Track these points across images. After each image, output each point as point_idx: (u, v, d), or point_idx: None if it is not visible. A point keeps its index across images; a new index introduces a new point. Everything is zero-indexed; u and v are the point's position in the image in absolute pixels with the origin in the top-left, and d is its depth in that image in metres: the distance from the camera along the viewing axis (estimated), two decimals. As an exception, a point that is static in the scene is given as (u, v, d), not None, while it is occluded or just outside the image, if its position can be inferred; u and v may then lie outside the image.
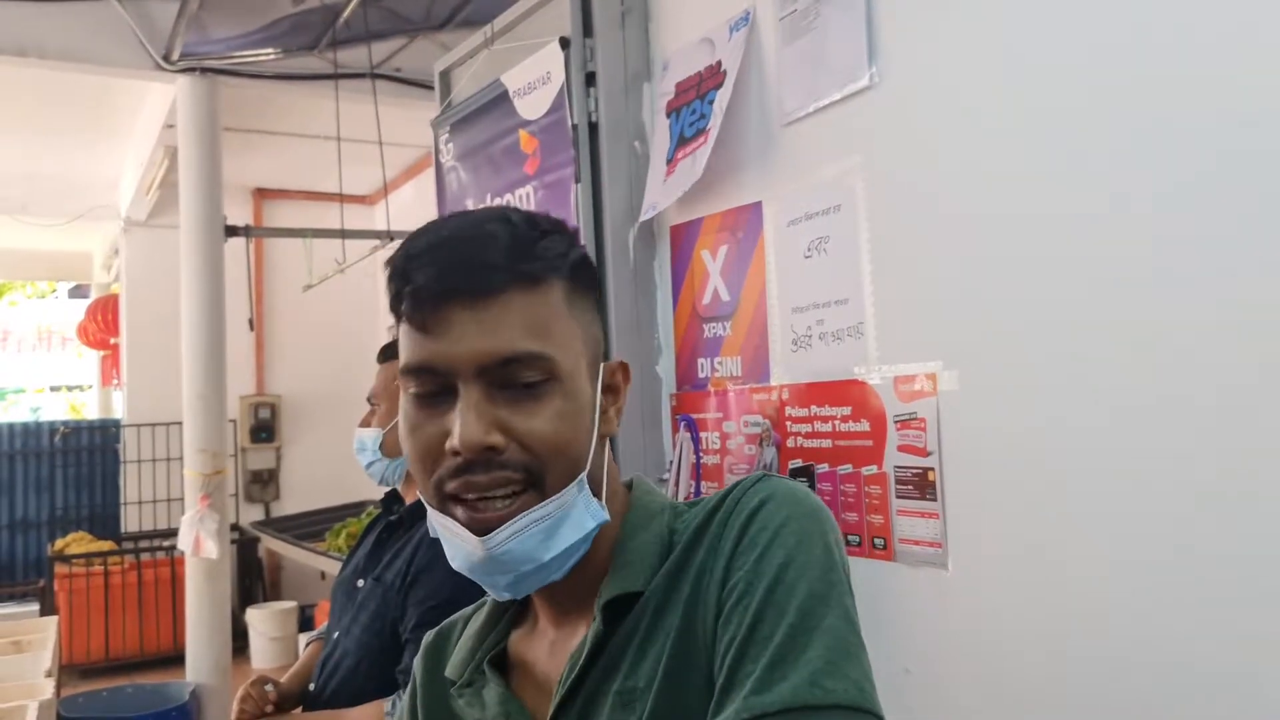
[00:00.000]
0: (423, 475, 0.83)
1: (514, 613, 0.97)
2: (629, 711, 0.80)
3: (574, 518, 0.82)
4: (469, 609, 1.03)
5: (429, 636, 1.05)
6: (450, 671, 0.96)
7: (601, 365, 0.88)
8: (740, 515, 0.82)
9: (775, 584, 0.76)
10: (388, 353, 2.06)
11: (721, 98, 2.05)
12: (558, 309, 0.83)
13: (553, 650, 0.90)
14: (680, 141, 2.18)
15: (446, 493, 0.81)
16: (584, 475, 0.83)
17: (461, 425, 0.78)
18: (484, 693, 0.91)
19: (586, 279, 0.88)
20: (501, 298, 0.80)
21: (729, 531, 0.82)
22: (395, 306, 0.83)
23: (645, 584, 0.84)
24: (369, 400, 2.03)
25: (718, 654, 0.77)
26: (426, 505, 0.85)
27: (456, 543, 0.82)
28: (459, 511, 0.81)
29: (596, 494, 0.85)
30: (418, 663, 1.03)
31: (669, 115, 2.25)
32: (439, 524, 0.83)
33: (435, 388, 0.81)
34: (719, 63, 2.11)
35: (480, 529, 0.80)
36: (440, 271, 0.80)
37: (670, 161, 2.19)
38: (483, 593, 1.06)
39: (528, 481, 0.80)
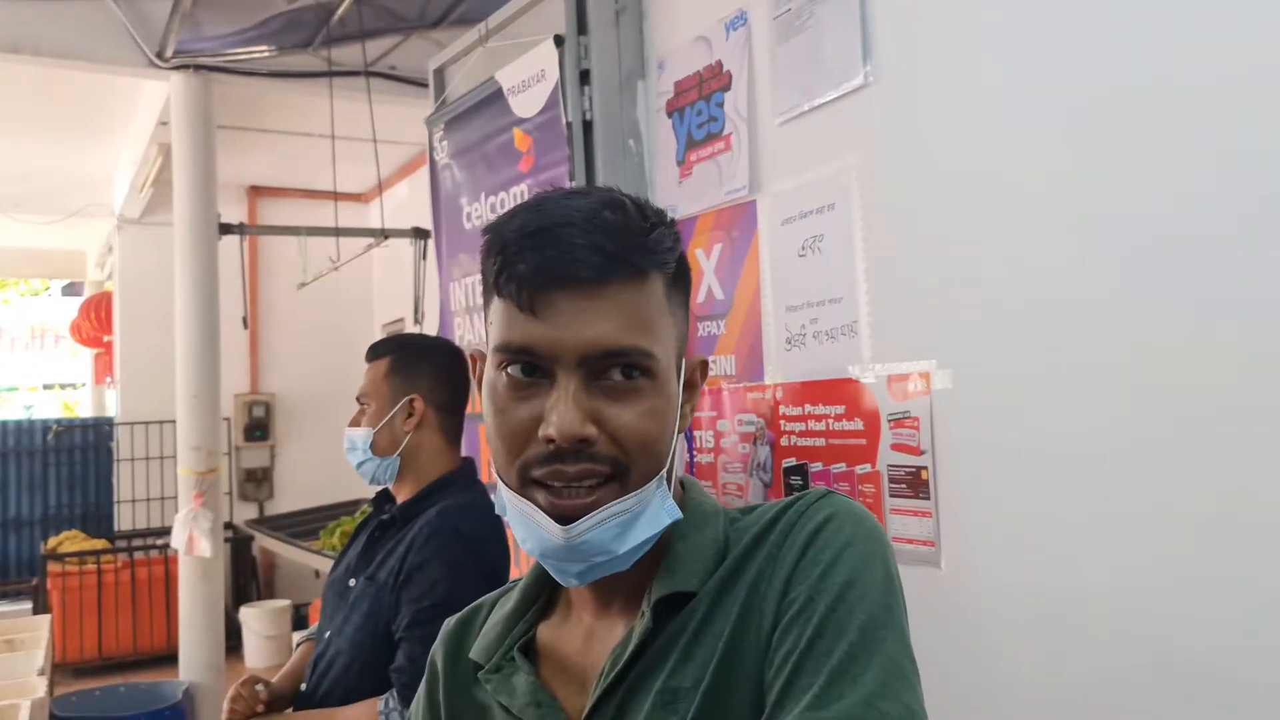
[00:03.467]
0: (506, 455, 0.82)
1: (544, 601, 0.96)
2: (670, 712, 0.80)
3: (650, 513, 0.82)
4: (494, 594, 1.02)
5: (450, 622, 1.03)
6: (477, 654, 0.95)
7: (684, 361, 0.88)
8: (804, 529, 0.82)
9: (837, 602, 0.77)
10: (377, 351, 2.05)
11: (734, 101, 2.05)
12: (659, 303, 0.83)
13: (589, 642, 0.90)
14: (690, 143, 2.18)
15: (531, 477, 0.81)
16: (664, 472, 0.83)
17: (559, 414, 0.78)
18: (513, 680, 0.90)
19: (685, 274, 0.89)
20: (610, 288, 0.80)
21: (791, 544, 0.82)
22: (496, 282, 0.82)
23: (699, 585, 0.84)
24: (359, 400, 2.02)
25: (772, 664, 0.77)
26: (501, 485, 0.84)
27: (534, 528, 0.81)
28: (541, 497, 0.80)
29: (669, 490, 0.85)
30: (438, 648, 1.01)
31: (670, 115, 2.25)
32: (516, 506, 0.82)
33: (532, 370, 0.81)
34: (719, 63, 2.10)
35: (563, 517, 0.80)
36: (551, 255, 0.79)
37: (682, 164, 2.20)
38: (476, 593, 1.05)
39: (612, 475, 0.80)
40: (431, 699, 0.99)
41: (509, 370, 0.82)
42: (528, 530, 0.82)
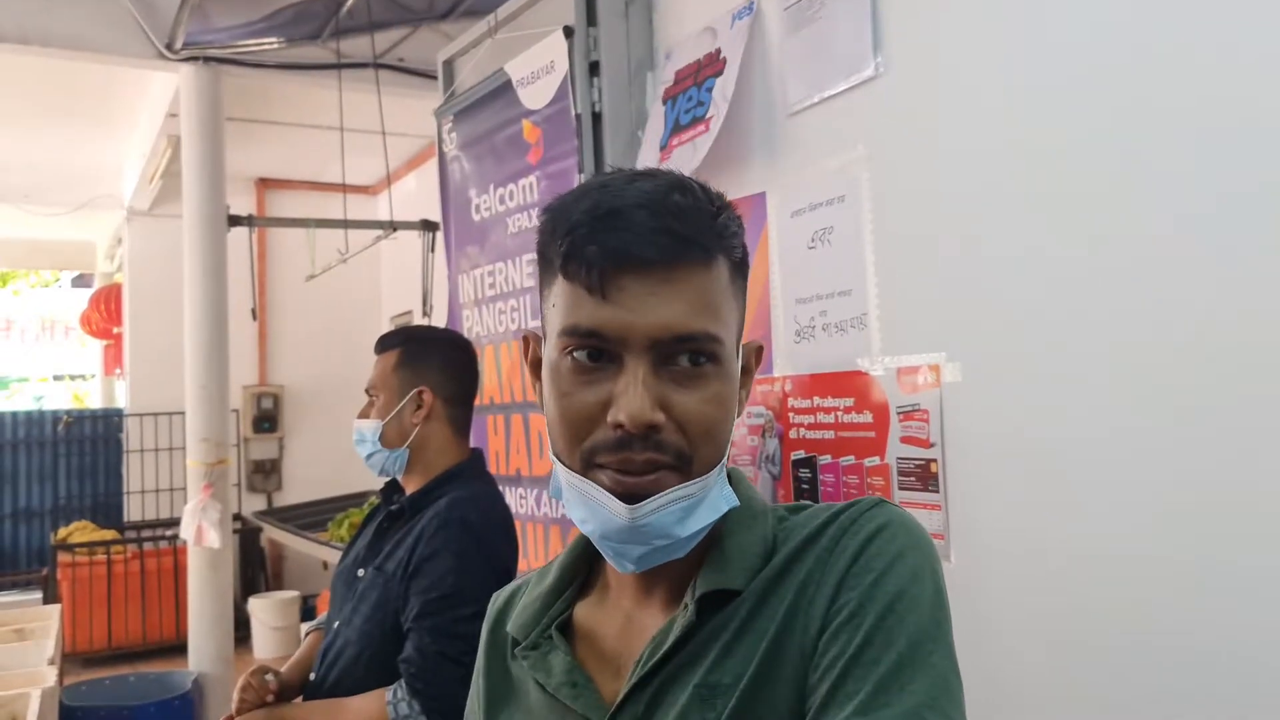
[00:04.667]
0: (571, 439, 0.81)
1: (582, 580, 0.96)
2: (708, 707, 0.79)
3: (711, 499, 0.82)
4: (535, 571, 1.02)
5: (497, 596, 1.04)
6: (514, 630, 0.95)
7: (741, 346, 0.88)
8: (856, 536, 0.81)
9: (887, 612, 0.77)
10: (385, 343, 2.05)
11: (723, 85, 2.04)
12: (725, 288, 0.83)
13: (627, 628, 0.89)
14: (676, 128, 2.17)
15: (597, 462, 0.80)
16: (725, 459, 0.83)
17: (629, 400, 0.77)
18: (549, 658, 0.90)
19: (746, 261, 0.88)
20: (681, 271, 0.79)
21: (843, 550, 0.81)
22: (564, 264, 0.80)
23: (745, 584, 0.84)
24: (368, 392, 2.02)
25: (817, 667, 0.77)
26: (560, 467, 0.83)
27: (598, 509, 0.80)
28: (605, 477, 0.80)
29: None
30: (485, 624, 1.03)
31: (665, 103, 2.24)
32: (579, 488, 0.82)
33: (599, 354, 0.80)
34: (718, 50, 2.10)
35: (628, 496, 0.79)
36: (623, 238, 0.78)
37: (664, 148, 2.18)
38: (485, 584, 1.05)
39: (676, 464, 0.80)
40: (476, 675, 1.01)
41: (575, 354, 0.80)
42: (589, 511, 0.81)
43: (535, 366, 0.90)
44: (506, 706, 0.95)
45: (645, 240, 0.78)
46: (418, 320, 5.73)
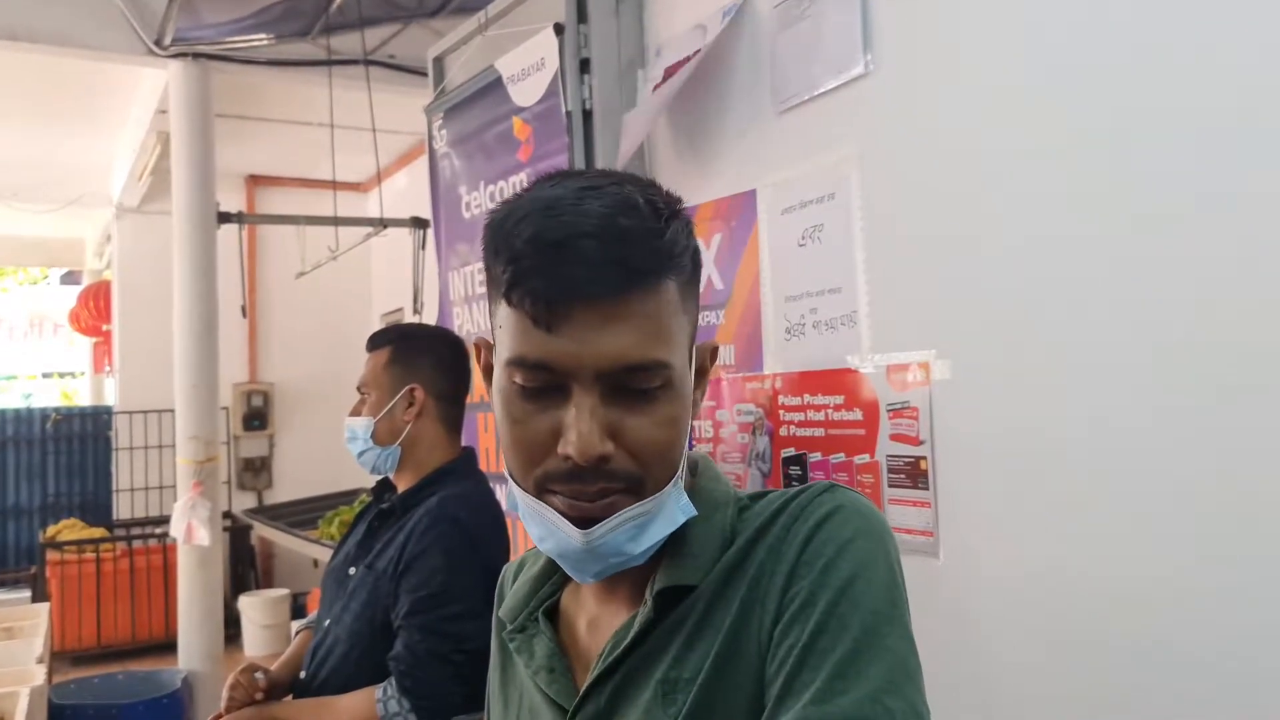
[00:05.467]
0: (523, 465, 0.81)
1: None
2: (669, 702, 0.80)
3: (666, 513, 0.82)
4: (529, 551, 1.04)
5: (506, 568, 1.07)
6: (504, 613, 0.98)
7: (695, 348, 0.87)
8: (806, 523, 0.81)
9: (840, 597, 0.76)
10: (377, 341, 2.05)
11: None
12: (674, 307, 0.81)
13: (594, 625, 0.91)
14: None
15: (550, 488, 0.81)
16: (679, 474, 0.83)
17: (578, 434, 0.77)
18: (534, 641, 0.93)
19: (697, 267, 0.87)
20: (630, 301, 0.77)
21: (793, 537, 0.81)
22: (508, 293, 0.79)
23: (701, 579, 0.84)
24: (359, 389, 2.02)
25: (773, 658, 0.77)
26: (516, 489, 0.84)
27: (553, 529, 0.81)
28: (559, 501, 0.80)
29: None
30: (496, 593, 1.05)
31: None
32: (533, 510, 0.82)
33: (546, 384, 0.79)
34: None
35: (583, 521, 0.80)
36: (571, 272, 0.76)
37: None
38: (475, 582, 1.06)
39: (628, 488, 0.80)
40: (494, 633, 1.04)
41: (521, 384, 0.80)
42: (546, 531, 0.82)
43: (488, 372, 0.90)
44: (510, 675, 0.98)
45: (592, 275, 0.76)
46: (408, 318, 5.71)
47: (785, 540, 0.81)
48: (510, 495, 0.85)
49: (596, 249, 0.76)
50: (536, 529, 0.83)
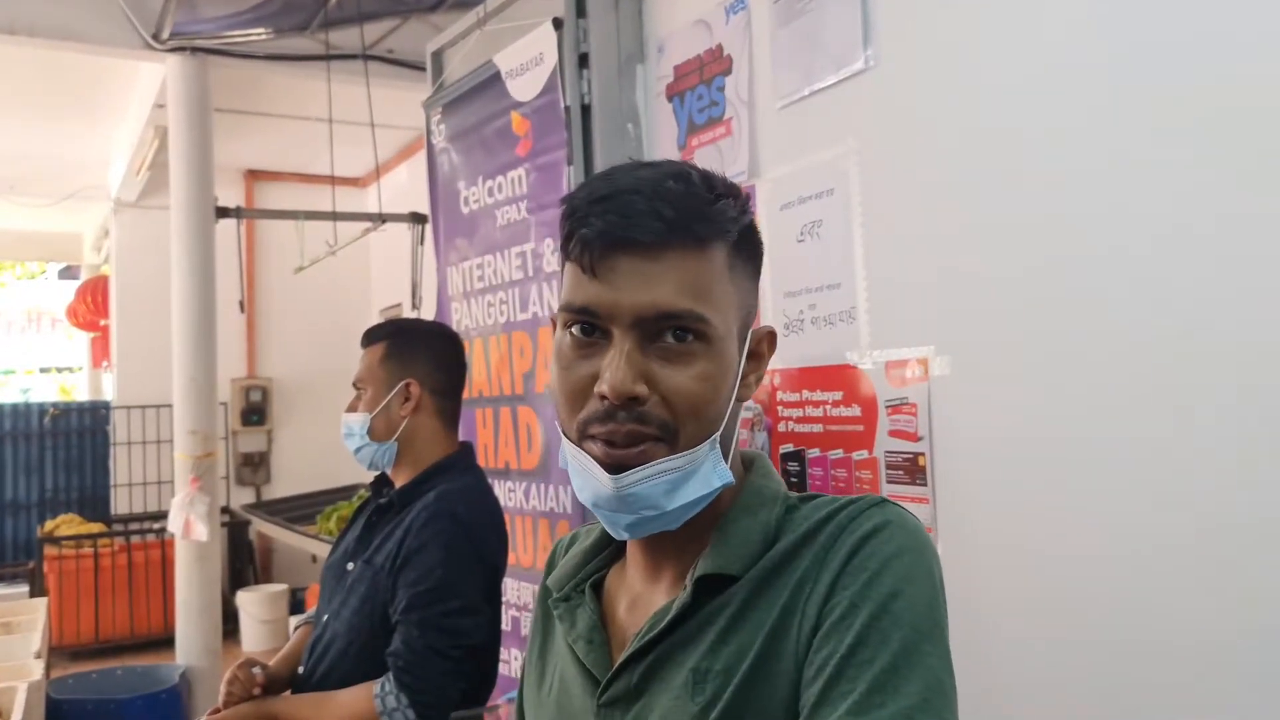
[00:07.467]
0: (569, 411, 0.85)
1: (618, 545, 1.00)
2: (699, 691, 0.82)
3: (701, 474, 0.84)
4: (583, 527, 1.07)
5: (560, 541, 1.09)
6: (552, 583, 1.01)
7: (750, 331, 0.91)
8: (853, 534, 0.82)
9: (881, 611, 0.77)
10: (372, 336, 2.04)
11: (735, 85, 2.04)
12: (719, 272, 0.86)
13: (635, 604, 0.93)
14: (691, 128, 2.18)
15: (589, 433, 0.84)
16: (717, 436, 0.85)
17: (611, 371, 0.81)
18: (578, 612, 0.95)
19: (751, 246, 0.92)
20: (667, 253, 0.82)
21: (839, 548, 0.82)
22: (565, 245, 0.86)
23: (742, 570, 0.85)
24: (355, 385, 2.02)
25: (811, 664, 0.78)
26: (564, 437, 0.87)
27: (589, 477, 0.84)
28: (596, 448, 0.83)
29: (725, 457, 0.87)
30: (547, 563, 1.08)
31: (671, 100, 2.24)
32: (574, 457, 0.86)
33: (592, 330, 0.84)
34: (720, 47, 2.09)
35: (614, 467, 0.82)
36: (613, 220, 0.82)
37: (683, 148, 2.19)
38: (473, 576, 1.06)
39: (660, 437, 0.82)
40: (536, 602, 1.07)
41: (572, 330, 0.85)
42: (584, 480, 0.85)
43: None
44: (550, 645, 1.01)
45: (634, 223, 0.81)
46: (407, 313, 5.71)
47: (831, 550, 0.82)
48: (561, 453, 0.89)
49: (641, 202, 0.82)
50: (577, 478, 0.86)
